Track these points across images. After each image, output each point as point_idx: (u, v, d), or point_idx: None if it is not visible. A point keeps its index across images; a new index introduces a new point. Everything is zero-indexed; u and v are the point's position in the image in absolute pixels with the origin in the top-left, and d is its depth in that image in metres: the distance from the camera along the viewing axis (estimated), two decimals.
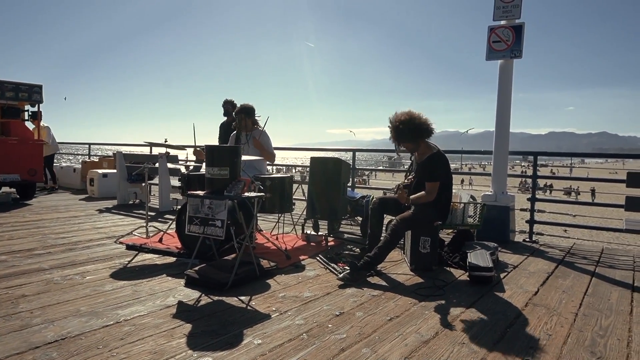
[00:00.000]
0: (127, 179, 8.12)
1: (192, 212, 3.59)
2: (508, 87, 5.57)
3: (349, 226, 6.21)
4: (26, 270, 3.80)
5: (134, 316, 2.84)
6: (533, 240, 5.69)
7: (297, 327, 2.73)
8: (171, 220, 6.44)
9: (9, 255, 4.28)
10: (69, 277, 3.63)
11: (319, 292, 3.42)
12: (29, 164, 8.15)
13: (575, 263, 4.60)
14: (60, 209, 7.33)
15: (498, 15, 5.52)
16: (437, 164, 3.98)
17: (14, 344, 2.40)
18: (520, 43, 5.40)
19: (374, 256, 3.83)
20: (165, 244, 4.67)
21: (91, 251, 4.54)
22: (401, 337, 2.65)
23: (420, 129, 3.96)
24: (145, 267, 4.04)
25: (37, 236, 5.19)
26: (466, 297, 3.39)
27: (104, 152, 14.07)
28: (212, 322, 2.78)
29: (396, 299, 3.32)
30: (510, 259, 4.68)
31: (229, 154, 3.70)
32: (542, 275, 4.09)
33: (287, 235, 5.39)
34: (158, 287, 3.46)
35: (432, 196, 3.93)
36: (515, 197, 5.76)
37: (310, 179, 5.23)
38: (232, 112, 7.61)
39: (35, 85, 8.30)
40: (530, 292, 3.58)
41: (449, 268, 4.20)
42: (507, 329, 2.82)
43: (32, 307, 2.96)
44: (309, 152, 10.20)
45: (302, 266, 4.16)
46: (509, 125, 5.62)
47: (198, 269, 3.61)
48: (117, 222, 6.33)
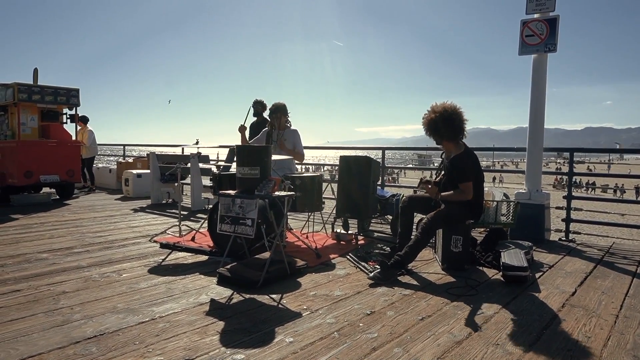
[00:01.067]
0: (160, 179, 8.31)
1: (223, 211, 3.65)
2: (542, 82, 5.42)
3: (378, 225, 6.18)
4: (66, 268, 3.94)
5: (168, 313, 2.91)
6: (569, 240, 5.53)
7: (328, 326, 2.74)
8: (203, 219, 6.57)
9: (50, 253, 4.44)
10: (106, 275, 3.74)
11: (349, 291, 3.41)
12: (67, 165, 8.45)
13: (615, 263, 4.44)
14: (97, 209, 7.57)
15: (531, 9, 5.37)
16: (467, 164, 3.91)
17: (56, 338, 2.49)
18: (554, 36, 5.25)
19: (404, 255, 3.80)
20: (197, 243, 4.75)
21: (127, 249, 4.67)
22: (433, 337, 2.62)
23: (452, 129, 3.90)
24: (179, 265, 4.13)
25: (75, 235, 5.38)
26: (500, 297, 3.32)
27: (138, 152, 14.45)
28: (244, 320, 2.82)
29: (428, 298, 3.29)
30: (545, 258, 4.56)
31: (259, 154, 3.73)
32: (580, 275, 3.97)
33: (317, 233, 5.40)
34: (191, 284, 3.53)
35: (467, 195, 3.88)
36: (550, 194, 5.60)
37: (340, 177, 5.23)
38: (262, 112, 7.69)
39: (72, 89, 8.59)
40: (567, 292, 3.48)
41: (482, 267, 4.12)
42: (544, 330, 2.75)
43: (72, 303, 3.07)
44: (337, 151, 10.18)
45: (332, 265, 4.17)
46: (544, 121, 5.47)
47: (230, 267, 3.66)
48: (151, 221, 6.49)
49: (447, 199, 3.93)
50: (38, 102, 8.23)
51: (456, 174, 3.92)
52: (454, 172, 3.94)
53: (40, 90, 8.19)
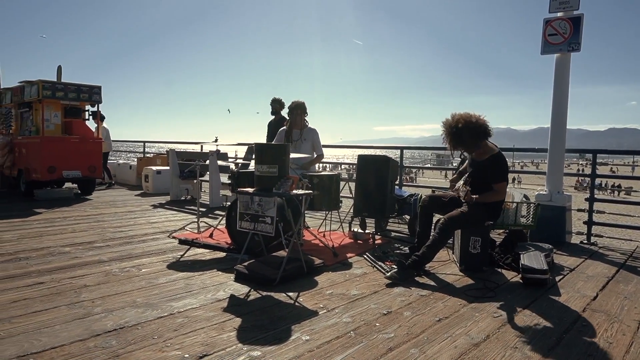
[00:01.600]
0: (179, 175, 8.41)
1: (242, 209, 3.68)
2: (565, 82, 5.32)
3: (396, 224, 6.15)
4: (88, 262, 4.02)
5: (186, 308, 2.94)
6: (591, 243, 5.41)
7: (344, 325, 2.74)
8: (221, 216, 6.63)
9: (72, 247, 4.54)
10: (126, 270, 3.81)
11: (366, 291, 3.41)
12: (89, 160, 8.61)
13: (638, 268, 4.34)
14: (118, 204, 7.70)
15: (554, 7, 5.28)
16: (503, 164, 3.92)
17: (77, 331, 2.55)
18: (578, 35, 5.15)
19: (422, 255, 3.77)
20: (215, 239, 4.79)
21: (146, 245, 4.74)
22: (450, 338, 2.60)
23: (479, 130, 3.87)
24: (197, 261, 4.17)
25: (97, 229, 5.48)
26: (519, 300, 3.28)
27: (158, 149, 14.64)
28: (261, 317, 2.84)
29: (445, 299, 3.26)
30: (566, 261, 4.48)
31: (277, 152, 3.75)
32: (602, 279, 3.89)
33: (334, 232, 5.40)
34: (209, 281, 3.57)
35: (502, 195, 3.93)
36: (571, 196, 5.50)
37: (358, 176, 5.22)
38: (279, 110, 7.72)
39: (95, 87, 8.74)
40: (588, 296, 3.41)
41: (501, 269, 4.07)
42: (564, 334, 2.70)
43: (93, 296, 3.13)
44: (355, 150, 10.16)
45: (349, 264, 4.16)
46: (566, 121, 5.37)
47: (247, 264, 3.69)
48: (170, 217, 6.58)
49: (484, 200, 3.89)
50: (61, 99, 8.40)
51: (490, 173, 3.90)
52: (486, 171, 3.91)
53: (64, 87, 8.36)
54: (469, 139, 3.90)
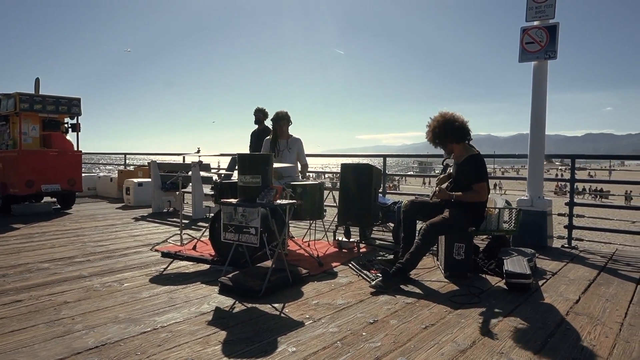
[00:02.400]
0: (161, 187, 8.31)
1: (226, 220, 3.64)
2: (542, 88, 5.43)
3: (380, 232, 6.16)
4: (67, 278, 3.93)
5: (170, 323, 2.89)
6: (572, 246, 5.50)
7: (331, 335, 2.72)
8: (204, 227, 6.56)
9: (51, 263, 4.43)
10: (107, 284, 3.73)
11: (352, 300, 3.40)
12: (68, 174, 8.45)
13: (618, 270, 4.42)
14: (98, 218, 7.57)
15: (531, 16, 5.40)
16: (481, 165, 3.97)
17: (57, 349, 2.48)
18: (554, 44, 5.27)
19: (406, 262, 3.78)
20: (199, 252, 4.74)
21: (128, 259, 4.65)
22: (437, 346, 2.60)
23: (460, 131, 3.98)
24: (180, 274, 4.11)
25: (77, 244, 5.37)
26: (503, 305, 3.30)
27: (139, 161, 14.47)
28: (247, 329, 2.80)
29: (431, 306, 3.27)
30: (548, 265, 4.54)
31: (260, 162, 3.73)
32: (583, 282, 3.94)
33: (319, 241, 5.39)
34: (193, 294, 3.51)
35: (482, 196, 3.96)
36: (552, 201, 5.59)
37: (341, 185, 5.23)
38: (263, 120, 7.71)
39: (74, 99, 8.61)
40: (571, 300, 3.45)
41: (485, 275, 4.10)
42: (548, 338, 2.73)
43: (73, 313, 3.05)
44: (339, 159, 10.17)
45: (334, 273, 4.15)
46: (545, 127, 5.47)
47: (232, 276, 3.65)
48: (152, 230, 6.48)
49: (462, 199, 3.94)
50: (39, 111, 8.25)
51: (470, 175, 3.96)
52: (466, 173, 3.97)
53: (42, 99, 8.22)
54: (448, 135, 4.02)
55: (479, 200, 3.98)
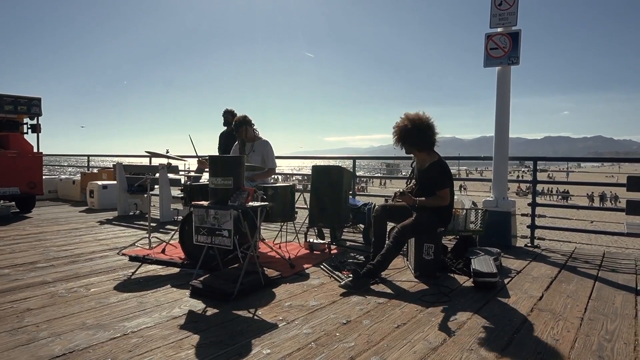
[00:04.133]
0: (127, 190, 8.11)
1: (198, 223, 3.59)
2: (506, 93, 5.61)
3: (350, 234, 6.21)
4: (30, 284, 3.78)
5: (140, 328, 2.84)
6: (535, 245, 5.71)
7: (305, 336, 2.73)
8: (172, 230, 6.45)
9: (12, 269, 4.26)
10: (73, 290, 3.62)
11: (324, 301, 3.42)
12: (28, 176, 8.13)
13: (577, 267, 4.62)
14: (61, 222, 7.32)
15: (494, 23, 5.57)
16: (444, 171, 4.03)
17: (21, 358, 2.39)
18: (517, 50, 5.46)
19: (377, 264, 3.83)
20: (168, 255, 4.65)
21: (94, 263, 4.53)
22: (409, 344, 2.65)
23: (429, 140, 4.02)
24: (150, 278, 4.03)
25: (39, 249, 5.18)
26: (472, 303, 3.40)
27: (102, 163, 14.08)
28: (220, 333, 2.78)
29: (402, 306, 3.33)
30: (513, 264, 4.69)
31: (232, 164, 3.71)
32: (546, 280, 4.10)
33: (290, 243, 5.39)
34: (163, 298, 3.45)
35: (445, 201, 3.99)
36: (516, 202, 5.78)
37: (313, 186, 5.24)
38: (232, 121, 7.64)
39: (34, 98, 8.32)
40: (535, 297, 3.59)
41: (453, 274, 4.20)
42: (514, 334, 2.83)
43: (37, 320, 2.95)
44: (308, 161, 10.19)
45: (306, 275, 4.16)
46: (508, 130, 5.65)
47: (203, 279, 3.61)
48: (119, 233, 6.32)
49: (425, 204, 4.00)
50: None
51: (434, 181, 4.01)
52: (430, 179, 4.03)
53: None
54: (416, 143, 4.05)
55: (441, 204, 4.02)
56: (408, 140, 4.05)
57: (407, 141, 4.06)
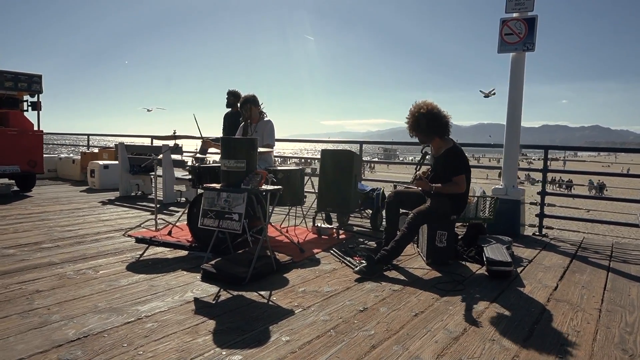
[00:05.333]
0: (129, 170, 8.01)
1: (206, 206, 3.52)
2: (520, 80, 5.51)
3: (357, 219, 6.16)
4: (37, 265, 3.71)
5: (154, 312, 2.78)
6: (543, 234, 5.68)
7: (323, 323, 2.68)
8: (176, 212, 6.39)
9: (17, 249, 4.19)
10: (82, 272, 3.55)
11: (338, 287, 3.37)
12: (28, 154, 8.00)
13: (588, 258, 4.58)
14: (62, 201, 7.22)
15: (510, 8, 5.44)
16: (460, 157, 3.96)
17: (36, 342, 2.33)
18: (533, 36, 5.34)
19: (391, 250, 3.78)
20: (175, 237, 4.59)
21: (100, 244, 4.45)
22: (430, 333, 2.61)
23: (442, 124, 3.95)
24: (158, 260, 3.97)
25: (42, 229, 5.10)
26: (487, 292, 3.36)
27: (102, 143, 13.92)
28: (236, 318, 2.72)
29: (417, 293, 3.28)
30: (523, 253, 4.66)
31: (245, 146, 3.62)
32: (559, 270, 4.07)
33: (297, 227, 5.33)
34: (174, 281, 3.39)
35: (461, 187, 3.94)
36: (525, 190, 5.73)
37: (322, 171, 5.17)
38: (235, 103, 7.50)
39: (34, 75, 8.14)
40: (550, 287, 3.55)
41: (464, 262, 4.16)
42: (535, 325, 2.79)
43: (48, 303, 2.88)
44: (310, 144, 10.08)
45: (317, 260, 4.11)
46: (520, 119, 5.57)
47: (215, 263, 3.54)
48: (122, 214, 6.24)
49: (442, 191, 3.94)
50: None
51: (449, 167, 3.95)
52: (446, 165, 3.97)
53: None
54: (426, 127, 3.98)
55: (458, 191, 3.98)
56: (423, 126, 3.96)
57: (422, 128, 3.97)
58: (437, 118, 3.94)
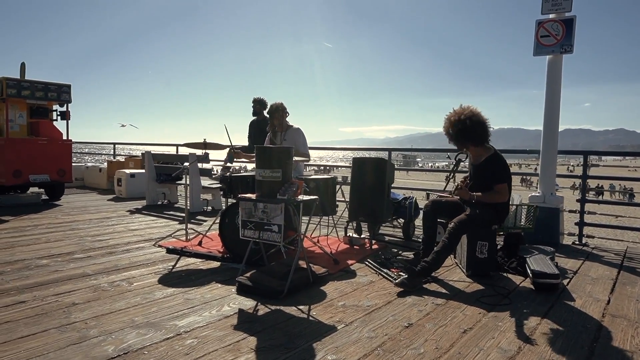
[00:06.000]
0: (155, 179, 8.02)
1: (245, 216, 3.43)
2: (557, 83, 5.33)
3: (389, 228, 6.01)
4: (71, 276, 3.68)
5: (193, 328, 2.69)
6: (583, 243, 5.44)
7: (368, 341, 2.56)
8: (203, 221, 6.35)
9: (50, 259, 4.17)
10: (116, 284, 3.50)
11: (378, 301, 3.24)
12: (58, 164, 8.09)
13: (636, 268, 4.36)
14: (91, 210, 7.26)
15: (547, 9, 5.27)
16: (501, 165, 3.81)
17: (76, 359, 2.26)
18: (571, 37, 5.16)
19: (431, 261, 3.64)
20: (205, 247, 4.53)
21: (132, 255, 4.41)
22: (483, 352, 2.46)
23: (483, 131, 3.80)
24: (191, 272, 3.90)
25: (73, 239, 5.10)
26: (536, 307, 3.19)
27: (127, 151, 14.06)
28: (277, 335, 2.62)
29: (462, 308, 3.13)
30: (566, 263, 4.46)
31: (281, 155, 3.53)
32: (607, 282, 3.86)
33: (329, 237, 5.21)
34: (209, 294, 3.31)
35: (503, 197, 3.80)
36: (564, 198, 5.52)
37: (353, 179, 5.04)
38: (260, 110, 7.45)
39: (64, 85, 8.24)
40: (602, 300, 3.36)
41: (506, 274, 3.99)
42: (593, 343, 2.62)
43: (85, 316, 2.83)
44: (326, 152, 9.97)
45: (352, 272, 3.99)
46: (558, 123, 5.38)
47: (250, 275, 3.45)
48: (150, 223, 6.22)
49: (483, 200, 3.80)
50: (27, 97, 7.86)
51: (491, 176, 3.81)
52: (487, 173, 3.82)
53: (30, 85, 7.83)
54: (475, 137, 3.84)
55: (499, 201, 3.84)
56: (464, 134, 3.81)
57: (463, 136, 3.82)
58: (479, 124, 3.79)
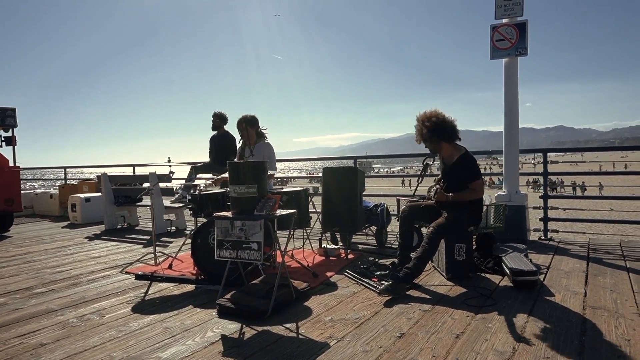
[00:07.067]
0: (114, 202, 7.66)
1: (221, 236, 3.29)
2: (514, 85, 5.50)
3: (362, 237, 5.98)
4: (34, 313, 3.40)
5: (179, 358, 2.53)
6: (548, 238, 5.62)
7: (364, 355, 2.49)
8: (170, 242, 6.10)
9: (7, 297, 3.85)
10: (85, 318, 3.26)
11: (365, 312, 3.18)
12: (5, 192, 7.58)
13: (603, 259, 4.53)
14: (45, 239, 6.82)
15: (500, 14, 5.46)
16: (474, 163, 3.91)
17: None
18: (524, 40, 5.35)
19: (413, 267, 3.63)
20: (177, 270, 4.33)
21: (98, 284, 4.15)
22: (480, 356, 2.44)
23: (449, 128, 3.90)
24: (165, 298, 3.70)
25: (30, 272, 4.74)
26: (519, 305, 3.23)
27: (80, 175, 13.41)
28: (269, 358, 2.50)
29: (450, 312, 3.12)
30: (537, 259, 4.57)
31: (255, 170, 3.42)
32: (580, 274, 3.98)
33: (304, 250, 5.12)
34: (189, 321, 3.14)
35: (479, 193, 3.92)
36: (527, 195, 5.69)
37: (325, 189, 4.99)
38: (220, 125, 7.27)
39: (7, 109, 7.76)
40: (579, 293, 3.45)
41: (484, 274, 4.04)
42: (582, 337, 2.66)
43: (56, 357, 2.60)
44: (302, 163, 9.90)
45: (333, 284, 3.91)
46: (518, 123, 5.55)
47: (230, 296, 3.31)
48: (113, 249, 5.91)
49: (459, 199, 3.86)
50: None
51: (465, 174, 3.90)
52: (460, 172, 3.90)
53: None
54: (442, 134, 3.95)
55: (476, 197, 3.93)
56: (437, 131, 3.89)
57: (437, 133, 3.90)
58: (448, 122, 3.90)
